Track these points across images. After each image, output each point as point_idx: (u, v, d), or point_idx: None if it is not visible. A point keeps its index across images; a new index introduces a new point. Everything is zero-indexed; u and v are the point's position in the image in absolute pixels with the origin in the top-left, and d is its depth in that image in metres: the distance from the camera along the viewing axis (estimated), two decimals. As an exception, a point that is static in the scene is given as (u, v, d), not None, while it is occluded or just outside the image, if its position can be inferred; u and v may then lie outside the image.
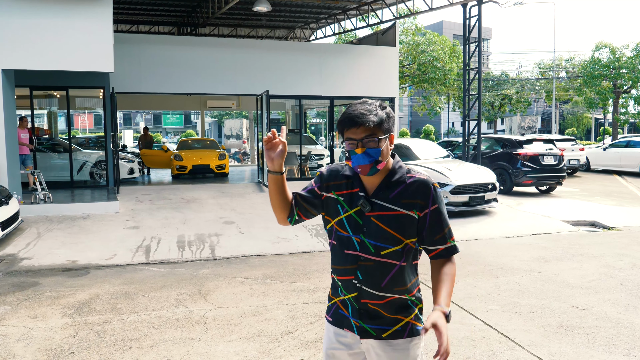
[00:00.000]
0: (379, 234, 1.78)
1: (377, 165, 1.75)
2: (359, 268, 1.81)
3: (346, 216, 1.82)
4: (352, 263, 1.82)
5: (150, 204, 10.15)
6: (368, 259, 1.80)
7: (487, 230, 8.39)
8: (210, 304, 4.87)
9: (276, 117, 41.20)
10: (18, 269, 6.21)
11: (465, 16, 13.55)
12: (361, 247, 1.80)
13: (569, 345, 3.85)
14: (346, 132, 1.76)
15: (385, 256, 1.79)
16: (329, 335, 1.93)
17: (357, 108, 1.75)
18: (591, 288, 5.26)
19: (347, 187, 1.85)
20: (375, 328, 1.82)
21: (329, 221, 1.89)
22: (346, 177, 1.86)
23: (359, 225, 1.80)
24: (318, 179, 1.93)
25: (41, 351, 3.82)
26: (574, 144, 17.38)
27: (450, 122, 49.21)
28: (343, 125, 1.77)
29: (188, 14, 17.55)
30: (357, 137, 1.73)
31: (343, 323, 1.88)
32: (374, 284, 1.80)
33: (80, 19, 9.03)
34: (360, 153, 1.73)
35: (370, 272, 1.80)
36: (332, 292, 1.95)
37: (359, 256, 1.80)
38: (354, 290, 1.83)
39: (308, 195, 1.92)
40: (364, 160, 1.74)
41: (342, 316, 1.88)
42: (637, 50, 25.13)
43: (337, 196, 1.85)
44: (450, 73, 23.83)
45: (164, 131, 56.44)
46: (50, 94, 14.08)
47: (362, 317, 1.83)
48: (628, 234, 8.08)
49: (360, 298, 1.82)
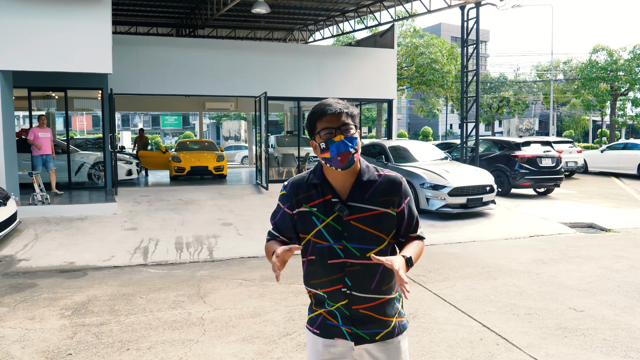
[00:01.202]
0: (361, 236, 1.77)
1: (354, 156, 1.73)
2: (347, 275, 1.78)
3: (324, 225, 1.78)
4: (338, 272, 1.78)
5: (149, 206, 10.14)
6: (354, 264, 1.77)
7: (484, 232, 8.40)
8: (208, 306, 4.87)
9: (274, 118, 41.22)
10: (15, 271, 6.19)
11: (463, 18, 13.58)
12: (345, 253, 1.77)
13: (566, 347, 3.86)
14: (321, 123, 1.73)
15: (370, 257, 1.77)
16: (316, 347, 1.87)
17: (330, 102, 1.76)
18: (589, 290, 5.27)
19: (318, 196, 1.79)
20: (369, 332, 1.82)
21: (304, 238, 1.83)
22: (314, 186, 1.80)
23: (339, 232, 1.77)
24: (284, 199, 1.86)
25: (38, 353, 3.81)
26: (572, 146, 17.42)
27: (448, 124, 49.30)
28: (318, 116, 1.74)
29: (187, 16, 17.56)
30: (334, 125, 1.71)
31: (333, 333, 1.84)
32: (364, 288, 1.79)
33: (79, 20, 9.03)
34: (340, 140, 1.70)
35: (358, 276, 1.78)
36: (315, 304, 1.89)
37: (344, 263, 1.78)
38: (343, 298, 1.80)
39: (285, 226, 1.87)
40: (344, 147, 1.70)
41: (330, 326, 1.84)
42: (635, 53, 25.23)
43: (310, 208, 1.79)
44: (448, 75, 23.89)
45: (162, 132, 56.38)
46: (49, 95, 14.07)
47: (355, 323, 1.81)
48: (625, 236, 8.10)
49: (351, 305, 1.80)
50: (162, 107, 26.21)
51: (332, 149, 1.71)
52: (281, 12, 16.93)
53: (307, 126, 1.79)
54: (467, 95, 13.81)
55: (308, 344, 1.93)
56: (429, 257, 6.72)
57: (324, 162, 1.78)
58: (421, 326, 4.29)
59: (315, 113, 1.75)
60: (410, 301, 4.93)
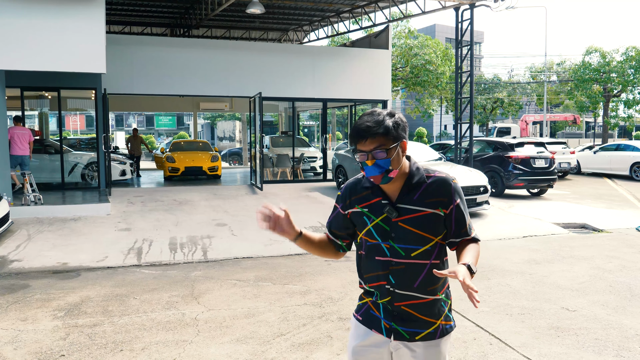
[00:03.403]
0: (408, 237, 1.83)
1: (388, 174, 1.80)
2: (391, 273, 1.86)
3: (373, 225, 1.87)
4: (383, 269, 1.87)
5: (142, 206, 10.10)
6: (399, 263, 1.85)
7: (478, 232, 8.42)
8: (202, 306, 4.86)
9: (269, 119, 41.17)
10: (8, 271, 6.15)
11: (458, 20, 13.63)
12: (391, 252, 1.85)
13: (559, 347, 3.88)
14: (357, 145, 1.81)
15: (415, 257, 1.84)
16: (358, 332, 1.96)
17: (364, 120, 1.80)
18: (581, 290, 5.30)
19: (369, 198, 1.90)
20: (408, 331, 1.86)
21: (358, 234, 1.95)
22: (366, 189, 1.92)
23: (387, 232, 1.85)
24: (339, 199, 2.00)
25: (31, 354, 3.78)
26: (565, 147, 17.53)
27: (442, 125, 49.42)
28: (353, 139, 1.83)
29: (181, 16, 17.51)
30: (366, 149, 1.79)
31: (373, 324, 1.92)
32: (407, 286, 1.85)
33: (72, 20, 8.98)
34: (371, 165, 1.79)
35: (402, 274, 1.85)
36: (365, 293, 1.99)
37: (389, 261, 1.86)
38: (387, 294, 1.88)
39: (337, 223, 2.01)
40: (375, 171, 1.79)
41: (372, 317, 1.92)
42: (627, 55, 25.41)
43: (361, 209, 1.90)
44: (442, 76, 23.96)
45: (156, 133, 56.17)
46: (42, 94, 13.98)
47: (395, 319, 1.88)
48: (617, 236, 8.16)
49: (394, 301, 1.87)
50: (156, 107, 26.13)
51: (366, 171, 1.82)
52: (276, 12, 16.92)
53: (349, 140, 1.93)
54: (461, 96, 13.86)
55: (352, 328, 2.02)
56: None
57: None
58: (415, 326, 4.30)
59: (352, 135, 1.84)
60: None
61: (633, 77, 25.13)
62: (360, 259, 1.97)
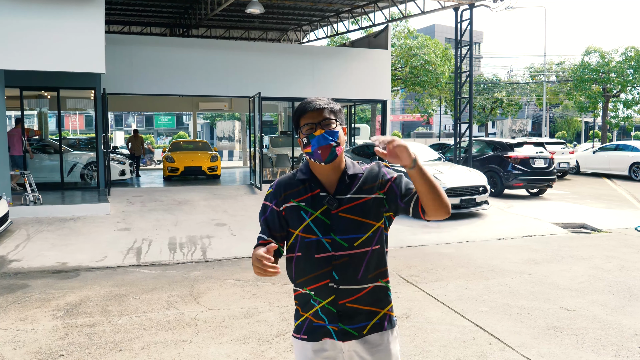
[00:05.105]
0: (349, 226, 1.79)
1: (336, 149, 1.76)
2: (334, 268, 1.80)
3: (312, 219, 1.80)
4: (325, 266, 1.80)
5: (142, 206, 10.10)
6: (342, 256, 1.79)
7: (478, 232, 8.44)
8: (201, 306, 4.86)
9: (269, 119, 41.16)
10: (7, 271, 6.15)
11: (457, 20, 13.63)
12: (333, 246, 1.79)
13: (558, 347, 3.89)
14: (303, 119, 1.79)
15: (358, 246, 1.79)
16: (306, 355, 1.85)
17: (311, 98, 1.82)
18: (580, 290, 5.31)
19: (306, 191, 1.82)
20: (355, 327, 1.82)
21: (293, 233, 1.85)
22: (302, 182, 1.84)
23: (327, 225, 1.79)
24: (270, 197, 1.88)
25: (30, 354, 3.78)
26: (564, 147, 17.54)
27: (442, 125, 49.39)
28: (300, 113, 1.80)
29: (180, 15, 17.50)
30: (315, 120, 1.77)
31: (319, 334, 1.84)
32: (350, 279, 1.80)
33: (72, 20, 8.97)
34: (320, 134, 1.75)
35: (345, 268, 1.80)
36: (301, 309, 1.88)
37: (332, 256, 1.79)
38: (329, 294, 1.80)
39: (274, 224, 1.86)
40: (324, 141, 1.74)
41: (317, 328, 1.84)
42: (626, 55, 25.42)
43: (298, 203, 1.82)
44: (442, 76, 23.96)
45: (155, 132, 56.12)
46: (41, 94, 13.97)
47: (342, 318, 1.81)
48: (616, 236, 8.17)
49: (338, 300, 1.80)
50: (155, 107, 26.11)
51: (313, 143, 1.76)
52: (275, 12, 16.92)
53: (293, 124, 1.85)
54: (460, 96, 13.86)
55: (296, 354, 1.90)
56: (423, 257, 6.75)
57: (308, 158, 1.82)
58: (414, 326, 4.30)
59: (298, 110, 1.81)
60: (404, 301, 4.95)
61: (632, 77, 25.15)
62: (293, 263, 1.86)
